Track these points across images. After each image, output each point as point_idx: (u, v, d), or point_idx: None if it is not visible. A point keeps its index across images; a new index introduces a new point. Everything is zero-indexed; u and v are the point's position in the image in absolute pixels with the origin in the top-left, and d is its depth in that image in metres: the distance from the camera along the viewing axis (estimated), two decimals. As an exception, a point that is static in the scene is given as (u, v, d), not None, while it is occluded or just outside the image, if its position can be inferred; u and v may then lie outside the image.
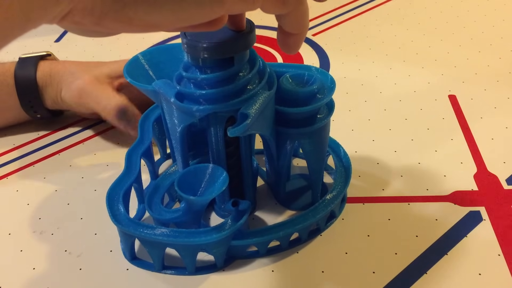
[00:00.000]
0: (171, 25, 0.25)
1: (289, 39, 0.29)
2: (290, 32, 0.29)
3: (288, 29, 0.29)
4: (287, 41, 0.30)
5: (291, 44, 0.30)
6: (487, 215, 0.42)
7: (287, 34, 0.29)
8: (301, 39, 0.30)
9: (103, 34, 0.26)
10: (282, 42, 0.30)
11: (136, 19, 0.23)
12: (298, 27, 0.29)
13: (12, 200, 0.47)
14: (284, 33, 0.29)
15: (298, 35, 0.29)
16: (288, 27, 0.29)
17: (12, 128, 0.55)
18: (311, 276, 0.38)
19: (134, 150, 0.42)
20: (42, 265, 0.40)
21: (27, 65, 0.51)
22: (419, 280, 0.37)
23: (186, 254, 0.38)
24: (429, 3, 0.78)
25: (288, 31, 0.29)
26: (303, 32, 0.29)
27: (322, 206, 0.40)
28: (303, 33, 0.29)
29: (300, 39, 0.30)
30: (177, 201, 0.45)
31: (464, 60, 0.63)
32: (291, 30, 0.29)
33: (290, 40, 0.30)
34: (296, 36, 0.29)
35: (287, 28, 0.29)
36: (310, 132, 0.39)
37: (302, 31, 0.29)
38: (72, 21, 0.23)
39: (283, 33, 0.29)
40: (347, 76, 0.62)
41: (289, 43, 0.30)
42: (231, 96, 0.35)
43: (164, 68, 0.44)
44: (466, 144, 0.50)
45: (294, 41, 0.30)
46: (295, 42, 0.30)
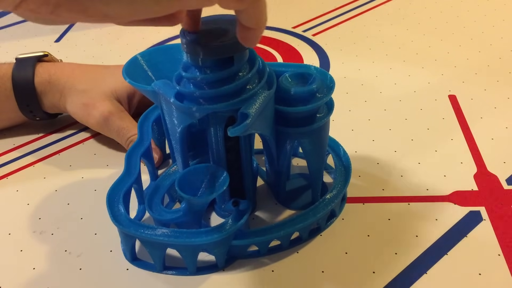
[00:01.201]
0: (126, 17, 0.25)
1: (248, 33, 0.30)
2: (249, 26, 0.29)
3: (246, 24, 0.29)
4: (246, 34, 0.30)
5: (250, 38, 0.30)
6: (487, 215, 0.42)
7: (246, 28, 0.30)
8: (260, 33, 0.30)
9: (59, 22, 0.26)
10: (241, 36, 0.30)
11: (92, 10, 0.24)
12: (256, 22, 0.29)
13: (12, 200, 0.47)
14: (243, 27, 0.30)
15: (257, 29, 0.30)
16: (246, 22, 0.29)
17: (12, 128, 0.55)
18: (311, 276, 0.38)
19: (134, 150, 0.42)
20: (42, 265, 0.40)
21: (24, 68, 0.51)
22: (419, 280, 0.37)
23: (187, 254, 0.38)
24: (429, 3, 0.78)
25: (247, 26, 0.29)
26: (261, 26, 0.30)
27: (322, 205, 0.40)
28: (261, 27, 0.30)
29: (259, 33, 0.30)
30: (177, 201, 0.45)
31: (464, 60, 0.63)
32: (249, 25, 0.29)
33: (248, 34, 0.30)
34: (255, 30, 0.30)
35: (245, 23, 0.29)
36: (310, 131, 0.39)
37: (260, 26, 0.30)
38: (27, 8, 0.23)
39: (242, 27, 0.30)
40: (347, 76, 0.62)
41: (248, 36, 0.30)
42: (231, 96, 0.35)
43: (163, 68, 0.43)
44: (466, 144, 0.50)
45: (253, 35, 0.30)
46: (253, 36, 0.30)
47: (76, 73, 0.52)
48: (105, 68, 0.53)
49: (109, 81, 0.51)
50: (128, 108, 0.52)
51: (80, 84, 0.51)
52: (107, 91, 0.50)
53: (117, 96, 0.51)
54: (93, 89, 0.50)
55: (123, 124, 0.49)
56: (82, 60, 0.57)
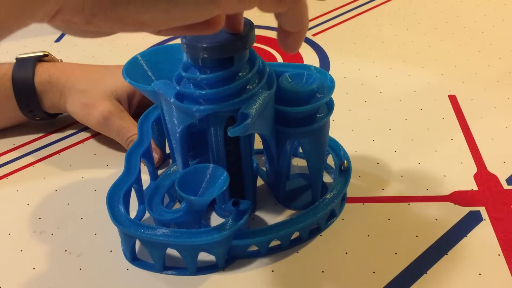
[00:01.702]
0: (164, 24, 0.24)
1: (289, 38, 0.29)
2: (289, 30, 0.28)
3: (287, 28, 0.28)
4: (287, 40, 0.29)
5: (291, 43, 0.29)
6: (487, 215, 0.42)
7: (287, 33, 0.29)
8: (301, 38, 0.29)
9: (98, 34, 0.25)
10: (283, 42, 0.30)
11: (128, 18, 0.23)
12: (297, 25, 0.28)
13: (12, 200, 0.47)
14: (284, 32, 0.29)
15: (298, 33, 0.29)
16: (287, 26, 0.28)
17: (12, 128, 0.55)
18: (311, 276, 0.38)
19: (134, 151, 0.42)
20: (42, 265, 0.40)
21: (24, 68, 0.51)
22: (419, 280, 0.37)
23: (187, 254, 0.38)
24: (429, 3, 0.78)
25: (287, 30, 0.28)
26: (302, 30, 0.29)
27: (322, 205, 0.40)
28: (302, 31, 0.29)
29: (300, 38, 0.29)
30: (178, 201, 0.45)
31: (464, 60, 0.63)
32: (290, 29, 0.28)
33: (290, 39, 0.29)
34: (296, 34, 0.29)
35: (286, 27, 0.28)
36: (310, 131, 0.39)
37: (302, 29, 0.28)
38: (62, 20, 0.22)
39: (282, 32, 0.29)
40: (347, 76, 0.62)
41: (289, 42, 0.29)
42: (231, 96, 0.35)
43: (163, 68, 0.43)
44: (466, 144, 0.50)
45: (294, 40, 0.29)
46: (295, 40, 0.29)
47: (76, 73, 0.52)
48: (105, 68, 0.53)
49: (109, 81, 0.51)
50: (128, 108, 0.52)
51: (80, 84, 0.51)
52: (107, 91, 0.50)
53: (117, 96, 0.51)
54: (93, 89, 0.50)
55: (123, 124, 0.49)
56: (82, 60, 0.57)
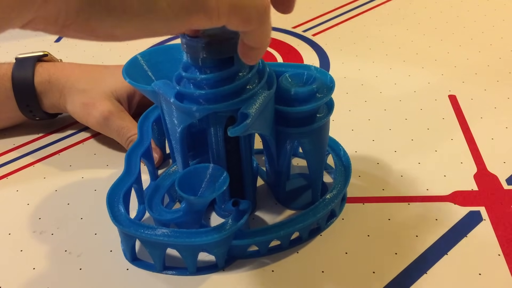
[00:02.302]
0: (133, 38, 0.26)
1: (251, 51, 0.31)
2: (253, 46, 0.30)
3: (250, 44, 0.30)
4: (248, 53, 0.31)
5: (252, 56, 0.31)
6: (487, 215, 0.42)
7: (249, 47, 0.30)
8: (262, 52, 0.31)
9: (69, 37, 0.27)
10: (244, 55, 0.31)
11: (99, 30, 0.24)
12: (260, 42, 0.30)
13: (12, 200, 0.47)
14: (246, 46, 0.30)
15: (260, 48, 0.31)
16: (250, 42, 0.30)
17: (12, 128, 0.55)
18: (311, 276, 0.38)
19: (134, 151, 0.42)
20: (42, 265, 0.40)
21: (24, 68, 0.51)
22: (419, 280, 0.37)
23: (187, 254, 0.38)
24: (429, 3, 0.78)
25: (251, 46, 0.30)
26: (264, 46, 0.31)
27: (322, 205, 0.40)
28: (264, 47, 0.31)
29: (261, 52, 0.31)
30: (177, 201, 0.45)
31: (464, 60, 0.63)
32: (254, 45, 0.30)
33: (251, 53, 0.31)
34: (258, 49, 0.31)
35: (249, 43, 0.30)
36: (310, 131, 0.39)
37: (263, 46, 0.30)
38: (34, 28, 0.23)
39: (245, 46, 0.31)
40: (347, 76, 0.62)
41: (251, 55, 0.31)
42: (231, 96, 0.35)
43: (163, 68, 0.43)
44: (466, 144, 0.50)
45: (255, 54, 0.31)
46: (256, 54, 0.31)
47: (76, 73, 0.52)
48: (105, 68, 0.53)
49: (109, 81, 0.51)
50: (128, 108, 0.52)
51: (80, 84, 0.51)
52: (107, 90, 0.50)
53: (117, 96, 0.51)
54: (93, 89, 0.50)
55: (123, 124, 0.49)
56: (82, 60, 0.57)
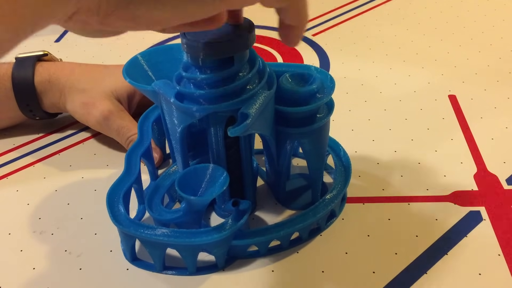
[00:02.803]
0: (175, 22, 0.25)
1: (290, 31, 0.30)
2: (290, 24, 0.29)
3: (288, 22, 0.29)
4: (287, 33, 0.30)
5: (292, 37, 0.31)
6: (487, 215, 0.42)
7: (288, 27, 0.30)
8: (302, 31, 0.30)
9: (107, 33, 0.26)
10: (284, 35, 0.31)
11: (140, 17, 0.24)
12: (299, 19, 0.29)
13: (12, 200, 0.47)
14: (285, 26, 0.30)
15: (299, 27, 0.30)
16: (288, 20, 0.29)
17: (12, 128, 0.55)
18: (311, 276, 0.38)
19: (134, 150, 0.42)
20: (42, 265, 0.40)
21: (24, 67, 0.51)
22: (419, 280, 0.37)
23: (187, 254, 0.38)
24: (429, 3, 0.78)
25: (288, 24, 0.29)
26: (303, 24, 0.30)
27: (322, 206, 0.40)
28: (303, 25, 0.30)
29: (301, 32, 0.30)
30: (177, 201, 0.45)
31: (464, 60, 0.63)
32: (292, 23, 0.29)
33: (291, 33, 0.30)
34: (297, 28, 0.30)
35: (287, 21, 0.29)
36: (310, 131, 0.39)
37: (302, 23, 0.30)
38: (78, 20, 0.23)
39: (284, 26, 0.30)
40: (347, 76, 0.62)
41: (290, 35, 0.30)
42: (231, 96, 0.35)
43: (163, 68, 0.43)
44: (466, 144, 0.50)
45: (295, 34, 0.30)
46: (296, 34, 0.30)
47: (76, 73, 0.52)
48: (105, 68, 0.53)
49: (109, 81, 0.51)
50: (128, 108, 0.52)
51: (80, 83, 0.51)
52: (107, 90, 0.50)
53: (117, 96, 0.51)
54: (93, 88, 0.50)
55: (123, 123, 0.49)
56: (82, 60, 0.57)
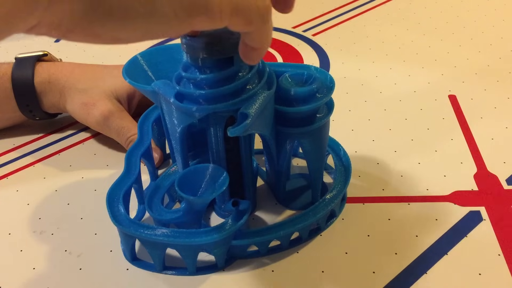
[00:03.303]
0: (137, 40, 0.26)
1: (252, 52, 0.31)
2: (254, 47, 0.30)
3: (252, 44, 0.30)
4: (249, 54, 0.31)
5: (253, 57, 0.31)
6: (487, 215, 0.42)
7: (251, 47, 0.30)
8: (263, 53, 0.31)
9: None
10: (245, 55, 0.31)
11: (102, 35, 0.24)
12: (261, 43, 0.30)
13: (12, 200, 0.47)
14: (247, 46, 0.30)
15: (261, 49, 0.31)
16: (252, 43, 0.30)
17: (12, 128, 0.55)
18: (311, 276, 0.38)
19: (134, 151, 0.42)
20: (42, 265, 0.40)
21: (24, 68, 0.51)
22: (419, 280, 0.37)
23: (187, 254, 0.38)
24: (429, 3, 0.78)
25: (252, 46, 0.30)
26: (265, 46, 0.31)
27: (322, 206, 0.40)
28: (265, 47, 0.31)
29: (262, 53, 0.31)
30: (177, 201, 0.45)
31: (464, 60, 0.63)
32: (255, 45, 0.30)
33: (252, 53, 0.31)
34: (259, 50, 0.31)
35: (250, 43, 0.30)
36: (310, 131, 0.39)
37: (264, 46, 0.30)
38: (37, 33, 0.24)
39: (246, 47, 0.31)
40: (347, 76, 0.62)
41: (252, 55, 0.31)
42: (230, 96, 0.35)
43: (163, 68, 0.43)
44: (466, 144, 0.50)
45: (257, 54, 0.31)
46: (257, 55, 0.31)
47: (76, 73, 0.52)
48: (105, 68, 0.53)
49: (109, 81, 0.51)
50: (128, 108, 0.52)
51: (80, 84, 0.51)
52: (107, 90, 0.50)
53: (117, 96, 0.51)
54: (93, 89, 0.50)
55: (123, 124, 0.49)
56: (82, 60, 0.57)
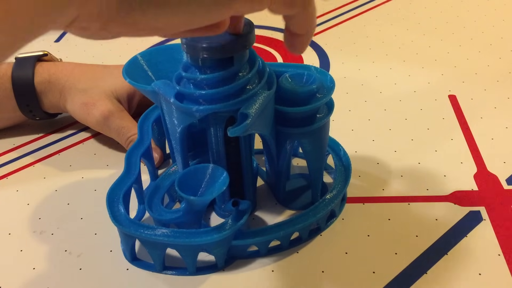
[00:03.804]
0: (176, 28, 0.25)
1: (296, 39, 0.30)
2: (297, 32, 0.29)
3: (295, 30, 0.29)
4: (293, 41, 0.30)
5: (298, 45, 0.30)
6: (487, 215, 0.42)
7: (294, 34, 0.29)
8: (308, 40, 0.30)
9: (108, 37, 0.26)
10: (289, 43, 0.30)
11: (142, 23, 0.23)
12: (305, 28, 0.29)
13: (12, 200, 0.47)
14: (291, 33, 0.29)
15: (305, 35, 0.29)
16: (295, 28, 0.29)
17: (12, 128, 0.55)
18: (311, 276, 0.38)
19: (134, 150, 0.42)
20: (42, 265, 0.40)
21: (24, 68, 0.51)
22: (419, 280, 0.37)
23: (187, 254, 0.38)
24: (429, 3, 0.78)
25: (295, 32, 0.29)
26: (310, 32, 0.29)
27: (322, 206, 0.40)
28: (310, 33, 0.29)
29: (307, 40, 0.30)
30: (177, 201, 0.45)
31: (464, 60, 0.63)
32: (298, 31, 0.29)
33: (297, 41, 0.30)
34: (303, 36, 0.29)
35: (294, 29, 0.29)
36: (310, 131, 0.39)
37: (309, 31, 0.29)
38: (79, 26, 0.23)
39: (290, 34, 0.29)
40: (347, 76, 0.62)
41: (296, 43, 0.30)
42: (230, 96, 0.35)
43: (163, 68, 0.43)
44: (466, 144, 0.50)
45: (301, 42, 0.30)
46: (301, 42, 0.30)
47: (76, 73, 0.52)
48: (105, 68, 0.53)
49: (109, 81, 0.51)
50: (128, 108, 0.52)
51: (80, 84, 0.51)
52: (107, 90, 0.50)
53: (117, 96, 0.51)
54: (93, 89, 0.50)
55: (123, 124, 0.49)
56: (82, 60, 0.57)
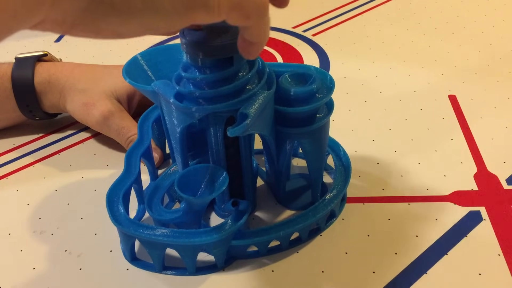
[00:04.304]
0: (137, 35, 0.26)
1: (250, 47, 0.31)
2: (252, 41, 0.30)
3: (250, 39, 0.30)
4: (248, 48, 0.31)
5: (252, 51, 0.31)
6: (487, 215, 0.42)
7: (249, 42, 0.31)
8: (262, 47, 0.31)
9: None
10: (244, 50, 0.31)
11: (104, 30, 0.25)
12: (259, 37, 0.30)
13: (12, 200, 0.47)
14: (246, 41, 0.31)
15: (259, 43, 0.31)
16: (250, 37, 0.30)
17: (12, 128, 0.55)
18: (311, 276, 0.38)
19: (134, 150, 0.42)
20: (42, 265, 0.40)
21: (24, 68, 0.51)
22: (419, 280, 0.37)
23: (187, 254, 0.38)
24: (429, 3, 0.78)
25: (250, 40, 0.30)
26: (263, 41, 0.31)
27: (322, 206, 0.40)
28: (263, 42, 0.31)
29: (261, 47, 0.31)
30: (177, 201, 0.45)
31: (464, 60, 0.63)
32: (253, 40, 0.30)
33: (251, 48, 0.31)
34: (258, 44, 0.31)
35: (249, 38, 0.30)
36: (310, 131, 0.39)
37: (263, 40, 0.31)
38: (42, 28, 0.24)
39: (244, 41, 0.31)
40: (347, 76, 0.62)
41: (250, 50, 0.31)
42: (230, 96, 0.35)
43: (163, 68, 0.43)
44: (466, 144, 0.50)
45: (255, 49, 0.31)
46: (255, 49, 0.31)
47: (76, 73, 0.52)
48: (104, 68, 0.53)
49: (109, 81, 0.51)
50: (128, 108, 0.52)
51: (80, 84, 0.51)
52: (107, 90, 0.50)
53: (117, 96, 0.51)
54: (93, 89, 0.50)
55: (123, 124, 0.49)
56: (82, 60, 0.57)
